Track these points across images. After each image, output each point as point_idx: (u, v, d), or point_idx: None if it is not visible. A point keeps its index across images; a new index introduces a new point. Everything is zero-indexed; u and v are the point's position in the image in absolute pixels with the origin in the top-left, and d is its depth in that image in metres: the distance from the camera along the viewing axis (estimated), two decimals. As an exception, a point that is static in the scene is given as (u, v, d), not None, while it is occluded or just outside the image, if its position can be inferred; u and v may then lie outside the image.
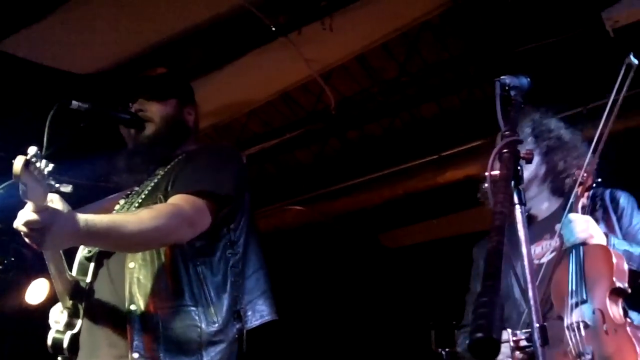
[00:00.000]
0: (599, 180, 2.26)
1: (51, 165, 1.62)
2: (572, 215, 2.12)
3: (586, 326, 1.93)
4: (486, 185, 1.33)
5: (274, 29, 3.59)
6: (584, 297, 1.99)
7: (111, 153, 2.31)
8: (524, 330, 1.26)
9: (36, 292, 5.00)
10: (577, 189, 2.17)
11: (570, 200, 2.15)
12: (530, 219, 2.30)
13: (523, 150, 1.42)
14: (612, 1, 3.36)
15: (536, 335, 1.19)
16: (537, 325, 1.21)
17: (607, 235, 2.12)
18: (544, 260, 2.20)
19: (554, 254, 2.18)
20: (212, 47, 3.79)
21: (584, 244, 2.06)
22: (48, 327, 2.08)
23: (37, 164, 1.58)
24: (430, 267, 5.51)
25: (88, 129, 2.15)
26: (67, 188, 1.66)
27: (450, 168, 4.61)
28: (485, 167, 1.88)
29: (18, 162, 1.52)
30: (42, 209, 1.60)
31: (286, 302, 2.20)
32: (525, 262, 1.27)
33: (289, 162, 5.37)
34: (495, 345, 0.92)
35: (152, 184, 2.12)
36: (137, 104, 2.23)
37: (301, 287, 5.70)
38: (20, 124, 3.97)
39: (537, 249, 2.26)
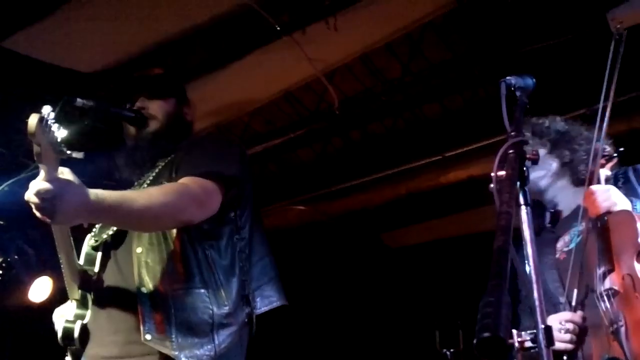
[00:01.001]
0: (621, 149, 2.25)
1: (64, 131, 1.56)
2: (593, 187, 2.10)
3: (615, 293, 1.92)
4: (492, 185, 1.33)
5: (278, 28, 3.58)
6: (612, 265, 1.97)
7: (113, 151, 2.32)
8: (528, 332, 1.25)
9: (39, 290, 5.01)
10: (592, 163, 2.16)
11: (588, 172, 2.14)
12: (557, 215, 2.32)
13: (529, 150, 1.41)
14: (617, 2, 3.35)
15: (541, 336, 1.19)
16: (542, 326, 1.21)
17: (631, 202, 2.08)
18: (572, 246, 2.18)
19: (580, 237, 2.14)
20: (215, 46, 3.79)
21: (608, 213, 2.04)
22: (51, 324, 2.08)
23: (51, 127, 1.52)
24: (433, 267, 5.51)
25: (91, 126, 2.16)
26: (79, 155, 1.59)
27: (454, 168, 4.61)
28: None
29: (33, 119, 1.47)
30: (54, 178, 1.57)
31: (288, 302, 2.20)
32: (531, 263, 1.27)
33: (291, 161, 5.38)
34: (501, 344, 0.92)
35: (154, 174, 2.14)
36: (139, 102, 2.25)
37: (303, 286, 5.69)
38: (21, 122, 3.98)
39: (566, 238, 2.23)
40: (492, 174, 1.37)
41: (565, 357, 1.97)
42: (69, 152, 1.57)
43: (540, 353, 1.20)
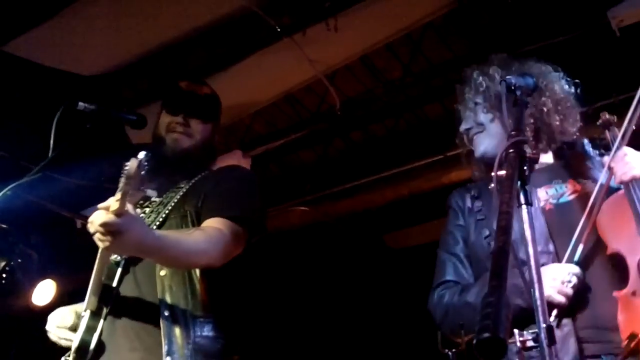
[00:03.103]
0: None
1: (144, 171, 1.67)
2: (626, 149, 2.00)
3: None
4: (492, 185, 1.33)
5: (278, 29, 3.59)
6: None
7: (119, 154, 2.32)
8: (530, 331, 1.25)
9: (43, 293, 5.02)
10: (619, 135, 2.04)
11: (617, 140, 2.02)
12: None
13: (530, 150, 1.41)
14: (618, 0, 3.35)
15: (543, 335, 1.19)
16: (544, 325, 1.20)
17: None
18: (564, 200, 2.06)
19: (575, 195, 2.04)
20: (216, 48, 3.80)
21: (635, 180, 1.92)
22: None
23: (144, 168, 1.64)
24: (435, 268, 5.49)
25: (93, 130, 2.17)
26: (153, 193, 1.72)
27: (456, 168, 4.59)
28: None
29: (133, 164, 1.59)
30: (122, 213, 1.64)
31: (291, 303, 2.22)
32: (532, 263, 1.26)
33: (293, 162, 5.38)
34: (501, 345, 0.92)
35: (178, 197, 2.15)
36: (181, 118, 2.28)
37: (305, 288, 5.70)
38: (25, 126, 3.99)
39: (549, 191, 2.11)
40: (493, 174, 1.37)
41: (555, 313, 1.86)
42: (145, 189, 1.68)
43: (542, 352, 1.19)
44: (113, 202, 1.63)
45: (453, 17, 3.83)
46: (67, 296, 4.81)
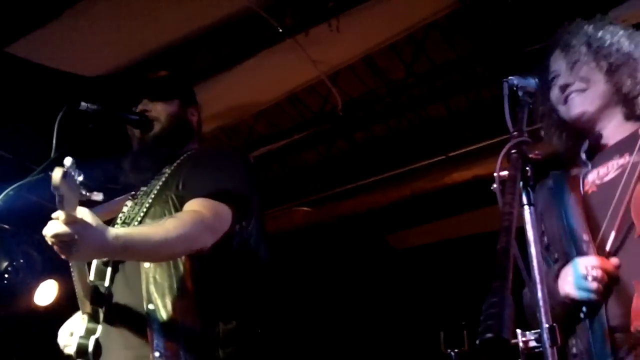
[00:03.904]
0: None
1: (82, 176, 1.63)
2: None
3: None
4: (494, 186, 1.33)
5: (280, 30, 3.59)
6: None
7: (118, 154, 2.33)
8: (533, 331, 1.23)
9: (45, 293, 5.03)
10: None
11: None
12: (598, 148, 1.99)
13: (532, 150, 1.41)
14: (620, 0, 3.34)
15: (545, 336, 1.19)
16: (547, 325, 1.20)
17: None
18: (607, 178, 1.87)
19: (620, 170, 1.84)
20: (218, 49, 3.80)
21: None
22: (57, 329, 2.09)
23: (73, 175, 1.59)
24: (438, 268, 5.50)
25: (96, 130, 2.18)
26: (98, 197, 1.68)
27: (458, 169, 4.60)
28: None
29: (57, 174, 1.53)
30: (72, 221, 1.61)
31: (294, 304, 2.21)
32: (535, 263, 1.26)
33: (296, 163, 5.38)
34: (505, 346, 0.92)
35: (160, 183, 2.14)
36: (142, 105, 2.27)
37: (308, 288, 5.70)
38: (28, 127, 4.00)
39: (601, 170, 1.91)
40: (495, 174, 1.37)
41: (584, 309, 1.73)
42: (88, 194, 1.64)
43: (545, 353, 1.19)
44: (60, 213, 1.60)
45: (456, 17, 3.83)
46: (70, 296, 4.82)
